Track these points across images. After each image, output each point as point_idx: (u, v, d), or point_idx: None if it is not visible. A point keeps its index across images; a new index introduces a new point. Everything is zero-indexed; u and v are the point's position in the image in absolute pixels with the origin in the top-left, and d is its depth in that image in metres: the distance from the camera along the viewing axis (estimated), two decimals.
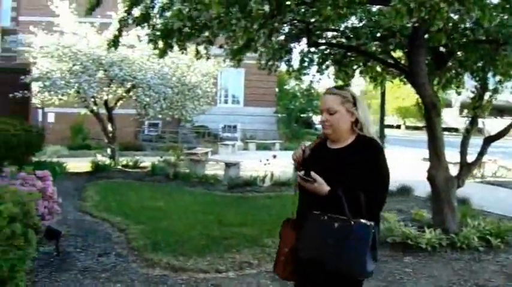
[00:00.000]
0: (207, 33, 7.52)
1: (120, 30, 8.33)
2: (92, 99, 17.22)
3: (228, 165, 15.36)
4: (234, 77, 33.09)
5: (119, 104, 18.14)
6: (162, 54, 8.02)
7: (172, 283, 6.12)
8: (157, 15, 7.73)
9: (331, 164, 3.43)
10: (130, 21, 7.92)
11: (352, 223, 3.18)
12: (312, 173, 3.36)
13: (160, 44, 7.77)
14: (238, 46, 7.36)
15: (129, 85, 16.90)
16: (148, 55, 16.45)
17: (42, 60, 16.21)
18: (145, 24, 7.83)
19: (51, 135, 15.35)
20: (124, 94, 17.57)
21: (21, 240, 5.55)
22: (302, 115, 41.02)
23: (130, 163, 17.66)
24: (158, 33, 7.62)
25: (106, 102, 17.71)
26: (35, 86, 16.15)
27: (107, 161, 17.16)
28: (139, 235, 8.10)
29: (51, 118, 26.41)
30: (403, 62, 9.32)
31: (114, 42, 8.53)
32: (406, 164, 19.42)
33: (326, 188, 3.31)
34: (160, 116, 18.48)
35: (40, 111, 23.43)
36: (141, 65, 16.55)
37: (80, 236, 8.07)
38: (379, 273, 6.69)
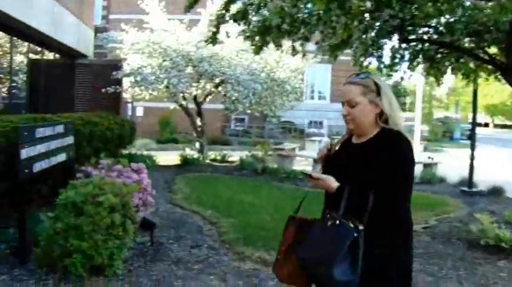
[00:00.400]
0: (303, 30, 7.49)
1: (217, 27, 8.41)
2: (181, 94, 17.52)
3: (317, 161, 15.25)
4: (320, 73, 32.95)
5: (207, 99, 18.39)
6: (258, 50, 8.06)
7: (264, 277, 6.12)
8: (253, 12, 7.76)
9: (350, 160, 3.17)
10: (227, 17, 7.99)
11: (337, 222, 2.94)
12: (313, 173, 3.22)
13: (257, 40, 7.80)
14: (337, 42, 7.30)
15: (218, 80, 17.06)
16: (236, 51, 16.61)
17: (133, 57, 16.61)
18: (243, 20, 7.88)
19: (139, 129, 15.77)
20: (213, 89, 17.77)
21: (120, 230, 5.73)
22: None
23: (218, 157, 17.90)
24: (255, 29, 7.65)
25: (195, 97, 17.96)
26: (126, 81, 16.54)
27: (195, 154, 17.41)
28: (230, 228, 8.17)
29: (140, 112, 27.03)
30: (498, 58, 9.00)
31: (213, 39, 8.63)
32: (497, 164, 18.86)
33: (334, 184, 3.08)
34: (248, 111, 18.59)
35: (129, 105, 24.01)
36: (230, 60, 16.68)
37: (172, 227, 8.22)
38: (471, 275, 6.52)
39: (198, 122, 18.29)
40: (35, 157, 6.33)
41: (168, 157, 17.23)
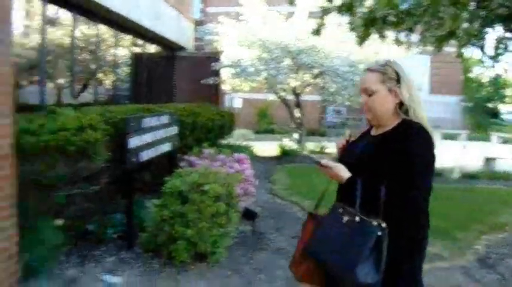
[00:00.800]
0: (408, 21, 7.34)
1: (323, 18, 8.39)
2: (280, 86, 17.55)
3: None
4: (419, 64, 32.12)
5: (306, 90, 18.34)
6: (362, 41, 7.98)
7: None
8: (358, 3, 7.68)
9: (365, 152, 3.01)
10: (332, 9, 7.94)
11: (357, 218, 2.79)
12: (323, 161, 3.06)
13: (361, 31, 7.73)
14: (443, 33, 7.11)
15: (316, 72, 16.97)
16: (335, 42, 16.44)
17: (231, 49, 16.77)
18: (348, 12, 7.81)
19: (237, 120, 15.87)
20: (311, 81, 17.70)
21: (224, 218, 5.81)
22: (488, 104, 39.15)
23: (317, 149, 17.80)
24: (360, 21, 7.58)
25: (294, 89, 17.95)
26: (224, 73, 16.74)
27: (294, 145, 17.41)
28: None
29: (238, 103, 27.31)
30: None
31: (318, 31, 8.61)
32: None
33: (343, 174, 2.96)
34: (347, 103, 18.40)
35: (228, 96, 24.32)
36: (327, 53, 16.54)
37: (272, 217, 8.29)
38: None
39: (297, 113, 18.30)
40: (142, 147, 6.53)
41: (266, 148, 17.35)
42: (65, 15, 10.07)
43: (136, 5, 11.97)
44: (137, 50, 14.95)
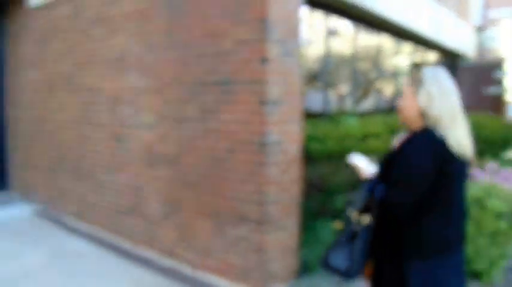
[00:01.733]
0: None
1: None
2: None
3: None
4: None
5: None
6: None
7: None
8: None
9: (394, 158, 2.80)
10: None
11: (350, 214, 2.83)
12: (349, 158, 3.08)
13: None
14: None
15: None
16: None
17: None
18: None
19: None
20: None
21: (504, 238, 5.59)
22: None
23: None
24: None
25: None
26: (508, 82, 15.98)
27: None
28: None
29: None
30: None
31: None
32: None
33: (364, 173, 2.96)
34: None
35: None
36: None
37: None
38: None
39: None
40: None
41: None
42: (346, 26, 10.37)
43: (417, 14, 11.96)
44: (416, 58, 14.89)
